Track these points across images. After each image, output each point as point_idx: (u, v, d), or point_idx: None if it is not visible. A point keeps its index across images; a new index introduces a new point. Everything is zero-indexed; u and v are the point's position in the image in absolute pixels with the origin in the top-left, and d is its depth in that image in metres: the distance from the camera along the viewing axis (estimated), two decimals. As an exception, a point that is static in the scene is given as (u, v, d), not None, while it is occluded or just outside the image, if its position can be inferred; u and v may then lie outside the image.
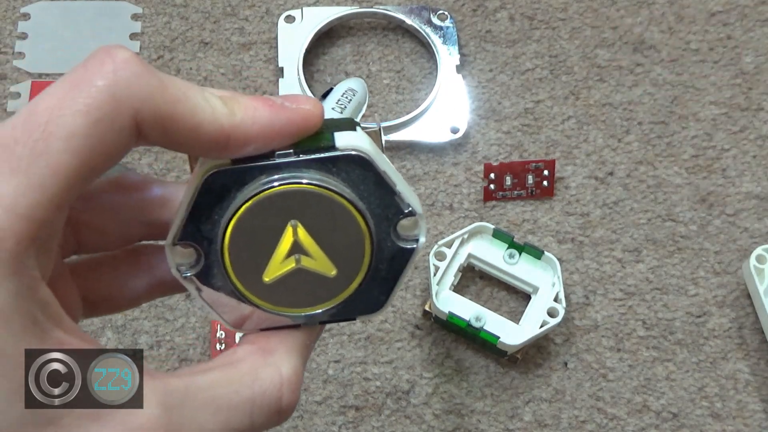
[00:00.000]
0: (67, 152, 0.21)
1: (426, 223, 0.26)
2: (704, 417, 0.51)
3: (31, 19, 0.61)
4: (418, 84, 0.60)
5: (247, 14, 0.62)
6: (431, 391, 0.51)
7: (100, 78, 0.22)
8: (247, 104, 0.24)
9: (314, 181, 0.24)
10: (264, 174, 0.24)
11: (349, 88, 0.33)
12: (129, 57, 0.22)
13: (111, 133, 0.21)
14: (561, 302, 0.50)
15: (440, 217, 0.56)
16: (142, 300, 0.30)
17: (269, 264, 0.25)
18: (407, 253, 0.26)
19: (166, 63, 0.60)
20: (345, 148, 0.25)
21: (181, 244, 0.25)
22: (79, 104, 0.21)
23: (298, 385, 0.25)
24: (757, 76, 0.60)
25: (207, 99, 0.23)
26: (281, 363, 0.25)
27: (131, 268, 0.29)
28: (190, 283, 0.26)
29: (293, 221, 0.25)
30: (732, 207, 0.56)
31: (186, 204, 0.25)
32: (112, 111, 0.21)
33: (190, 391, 0.23)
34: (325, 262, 0.25)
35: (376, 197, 0.25)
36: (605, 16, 0.62)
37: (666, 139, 0.58)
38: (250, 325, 0.27)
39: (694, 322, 0.53)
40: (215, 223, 0.25)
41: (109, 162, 0.22)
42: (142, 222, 0.28)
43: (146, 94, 0.22)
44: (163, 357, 0.51)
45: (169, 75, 0.23)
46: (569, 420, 0.51)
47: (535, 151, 0.58)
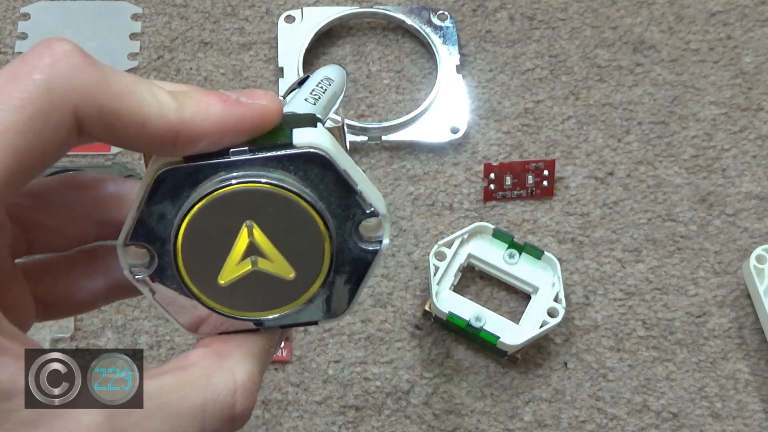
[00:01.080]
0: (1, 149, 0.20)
1: (390, 222, 0.26)
2: (704, 417, 0.51)
3: (31, 19, 0.61)
4: (418, 84, 0.60)
5: (247, 14, 0.62)
6: (431, 391, 0.51)
7: (38, 72, 0.21)
8: (198, 99, 0.23)
9: (271, 180, 0.23)
10: (218, 172, 0.23)
11: (325, 76, 0.32)
12: (69, 50, 0.21)
13: (48, 129, 0.21)
14: (561, 302, 0.50)
15: (440, 217, 0.56)
16: (100, 302, 0.29)
17: (224, 266, 0.24)
18: (370, 255, 0.25)
19: (166, 63, 0.60)
20: (303, 146, 0.24)
21: (133, 245, 0.24)
22: (14, 99, 0.20)
23: (253, 392, 0.24)
24: (757, 76, 0.60)
25: (154, 93, 0.22)
26: (236, 368, 0.24)
27: (87, 269, 0.28)
28: (143, 284, 0.25)
29: (248, 222, 0.24)
30: (732, 207, 0.56)
31: (137, 203, 0.24)
32: (49, 106, 0.20)
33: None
34: (283, 265, 0.25)
35: (337, 197, 0.24)
36: (605, 16, 0.62)
37: (666, 139, 0.58)
38: (206, 329, 0.26)
39: (694, 322, 0.53)
40: (168, 223, 0.24)
41: (48, 158, 0.21)
42: (97, 221, 0.27)
43: (87, 88, 0.21)
44: (163, 357, 0.51)
45: (113, 68, 0.22)
46: (569, 420, 0.51)
47: (535, 151, 0.58)
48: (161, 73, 0.59)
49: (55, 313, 0.28)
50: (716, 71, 0.61)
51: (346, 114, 0.58)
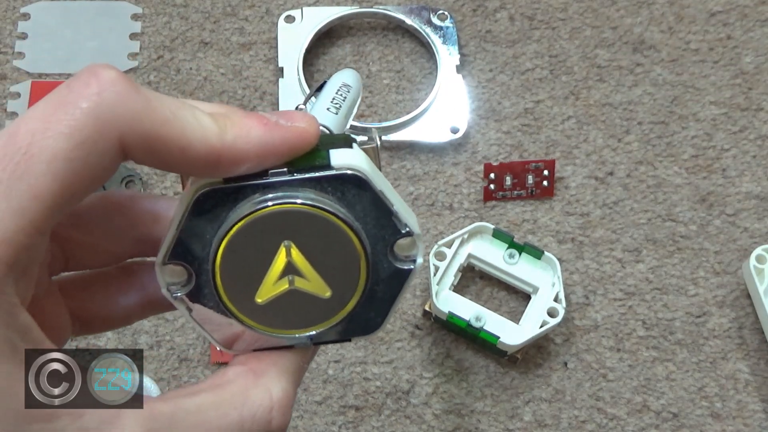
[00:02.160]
0: (49, 175, 0.20)
1: (423, 242, 0.26)
2: (704, 417, 0.51)
3: (31, 19, 0.61)
4: (418, 84, 0.60)
5: (247, 14, 0.62)
6: (431, 391, 0.51)
7: (84, 99, 0.21)
8: (239, 122, 0.23)
9: (308, 200, 0.24)
10: (257, 193, 0.24)
11: (343, 83, 0.32)
12: (115, 77, 0.21)
13: (95, 156, 0.21)
14: (561, 302, 0.50)
15: (440, 217, 0.56)
16: (135, 318, 0.29)
17: (262, 285, 0.25)
18: (404, 274, 0.26)
19: (166, 63, 0.60)
20: (341, 167, 0.24)
21: (171, 263, 0.24)
22: (62, 126, 0.20)
23: (288, 408, 0.25)
24: (757, 76, 0.60)
25: (197, 118, 0.22)
26: (272, 385, 0.25)
27: (123, 285, 0.28)
28: (180, 302, 0.25)
29: (287, 242, 0.24)
30: (732, 207, 0.56)
31: (176, 223, 0.24)
32: (95, 133, 0.21)
33: (177, 415, 0.23)
34: (320, 284, 0.25)
35: (373, 217, 0.25)
36: (605, 16, 0.62)
37: (666, 139, 0.58)
38: (241, 346, 0.26)
39: (694, 322, 0.53)
40: (206, 243, 0.24)
41: (93, 184, 0.22)
42: (133, 238, 0.28)
43: (132, 115, 0.21)
44: (163, 357, 0.51)
45: (157, 93, 0.22)
46: (569, 420, 0.51)
47: (535, 151, 0.58)
48: (161, 73, 0.59)
49: (90, 329, 0.28)
50: (716, 71, 0.61)
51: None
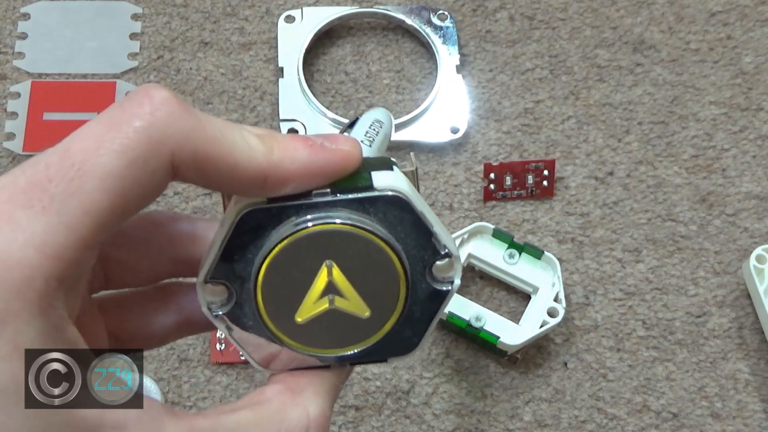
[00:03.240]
0: (101, 192, 0.21)
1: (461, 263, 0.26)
2: (704, 417, 0.51)
3: (31, 19, 0.61)
4: (418, 84, 0.60)
5: (247, 14, 0.62)
6: (431, 391, 0.51)
7: (138, 119, 0.21)
8: (285, 143, 0.24)
9: (350, 221, 0.24)
10: (300, 213, 0.24)
11: (375, 119, 0.33)
12: (167, 97, 0.22)
13: (146, 174, 0.21)
14: (561, 302, 0.50)
15: (440, 217, 0.56)
16: (171, 338, 0.29)
17: (302, 304, 0.25)
18: (442, 295, 0.26)
19: (166, 63, 0.60)
20: (383, 189, 0.24)
21: (212, 282, 0.25)
22: (115, 145, 0.21)
23: (326, 427, 0.25)
24: (757, 76, 0.60)
25: (245, 137, 0.23)
26: (309, 404, 0.25)
27: (160, 305, 0.29)
28: (220, 321, 0.25)
29: (328, 261, 0.24)
30: (732, 207, 0.56)
31: (219, 241, 0.24)
32: (148, 152, 0.21)
33: (216, 431, 0.23)
34: (359, 303, 0.25)
35: (413, 238, 0.25)
36: (605, 16, 0.62)
37: (666, 139, 0.58)
38: (278, 365, 0.26)
39: (694, 322, 0.53)
40: (248, 262, 0.24)
41: (144, 202, 0.22)
42: (171, 258, 0.28)
43: (183, 135, 0.22)
44: (163, 357, 0.51)
45: (206, 114, 0.23)
46: (569, 420, 0.51)
47: (535, 151, 0.58)
48: (161, 73, 0.59)
49: (126, 347, 0.28)
50: (716, 71, 0.61)
51: (346, 114, 0.58)
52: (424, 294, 0.26)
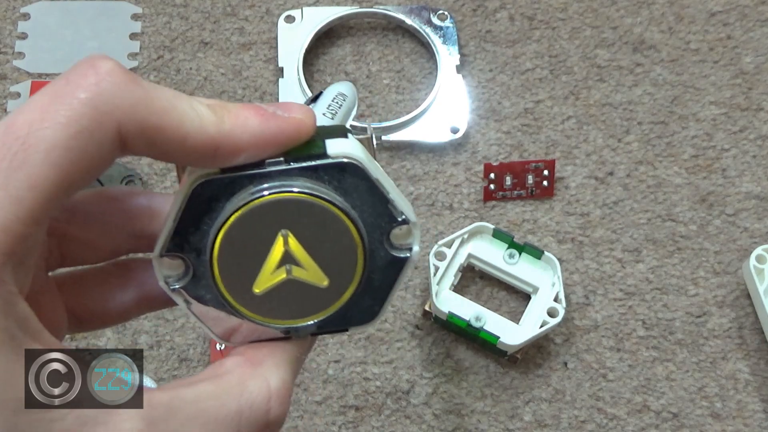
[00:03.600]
0: (47, 165, 0.20)
1: (420, 230, 0.26)
2: (704, 417, 0.51)
3: (31, 19, 0.61)
4: (418, 84, 0.60)
5: (247, 14, 0.62)
6: (431, 391, 0.51)
7: (82, 90, 0.21)
8: (237, 113, 0.23)
9: (305, 189, 0.24)
10: (254, 183, 0.24)
11: (339, 92, 0.32)
12: (112, 68, 0.21)
13: (93, 146, 0.21)
14: (561, 302, 0.50)
15: (440, 217, 0.56)
16: (132, 315, 0.29)
17: (259, 275, 0.25)
18: (401, 263, 0.26)
19: (166, 63, 0.60)
20: (337, 156, 0.24)
21: (168, 256, 0.24)
22: (60, 117, 0.21)
23: (287, 398, 0.25)
24: (757, 76, 0.60)
25: (194, 108, 0.23)
26: (270, 375, 0.25)
27: (119, 281, 0.28)
28: (178, 295, 0.25)
29: (284, 231, 0.24)
30: (732, 207, 0.56)
31: (173, 214, 0.24)
32: (93, 124, 0.21)
33: (174, 404, 0.23)
34: (317, 273, 0.25)
35: (369, 206, 0.25)
36: (605, 16, 0.62)
37: (666, 139, 0.58)
38: (239, 337, 0.26)
39: (694, 322, 0.53)
40: (204, 234, 0.24)
41: (91, 174, 0.22)
42: (129, 234, 0.28)
43: (130, 105, 0.21)
44: (163, 357, 0.51)
45: (155, 84, 0.22)
46: (569, 420, 0.51)
47: (535, 151, 0.58)
48: (161, 73, 0.59)
49: (87, 325, 0.28)
50: (716, 71, 0.61)
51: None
52: (383, 262, 0.26)
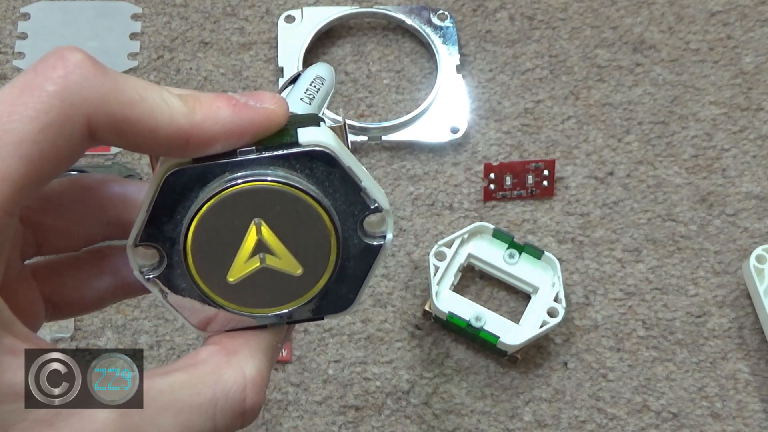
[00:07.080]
0: (16, 158, 0.20)
1: (393, 218, 0.26)
2: (704, 417, 0.51)
3: (31, 19, 0.61)
4: (418, 84, 0.60)
5: (247, 14, 0.62)
6: (431, 391, 0.51)
7: (51, 82, 0.21)
8: (208, 103, 0.23)
9: (277, 178, 0.24)
10: (226, 172, 0.24)
11: (317, 75, 0.32)
12: (81, 59, 0.22)
13: (62, 139, 0.21)
14: (561, 302, 0.50)
15: (440, 217, 0.56)
16: (108, 302, 0.29)
17: (233, 264, 0.25)
18: (374, 250, 0.26)
19: (166, 63, 0.60)
20: (308, 144, 0.24)
21: (142, 245, 0.25)
22: (28, 110, 0.21)
23: (262, 387, 0.25)
24: (757, 76, 0.60)
25: (165, 99, 0.23)
26: (245, 364, 0.25)
27: (95, 269, 0.29)
28: (153, 285, 0.25)
29: (257, 219, 0.24)
30: (732, 207, 0.56)
31: (147, 204, 0.24)
32: (62, 116, 0.21)
33: (149, 393, 0.23)
34: (291, 261, 0.25)
35: (342, 194, 0.25)
36: (605, 16, 0.62)
37: (666, 139, 0.58)
38: (215, 327, 0.26)
39: (694, 322, 0.53)
40: (177, 223, 0.24)
41: (61, 166, 0.22)
42: (104, 222, 0.28)
43: (99, 97, 0.21)
44: (163, 357, 0.51)
45: (125, 75, 0.22)
46: (569, 420, 0.51)
47: (535, 151, 0.58)
48: (161, 73, 0.59)
49: (64, 313, 0.28)
50: (716, 71, 0.61)
51: (346, 114, 0.58)
52: (356, 250, 0.26)
